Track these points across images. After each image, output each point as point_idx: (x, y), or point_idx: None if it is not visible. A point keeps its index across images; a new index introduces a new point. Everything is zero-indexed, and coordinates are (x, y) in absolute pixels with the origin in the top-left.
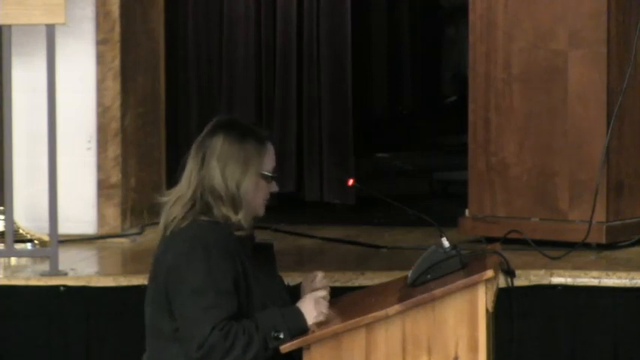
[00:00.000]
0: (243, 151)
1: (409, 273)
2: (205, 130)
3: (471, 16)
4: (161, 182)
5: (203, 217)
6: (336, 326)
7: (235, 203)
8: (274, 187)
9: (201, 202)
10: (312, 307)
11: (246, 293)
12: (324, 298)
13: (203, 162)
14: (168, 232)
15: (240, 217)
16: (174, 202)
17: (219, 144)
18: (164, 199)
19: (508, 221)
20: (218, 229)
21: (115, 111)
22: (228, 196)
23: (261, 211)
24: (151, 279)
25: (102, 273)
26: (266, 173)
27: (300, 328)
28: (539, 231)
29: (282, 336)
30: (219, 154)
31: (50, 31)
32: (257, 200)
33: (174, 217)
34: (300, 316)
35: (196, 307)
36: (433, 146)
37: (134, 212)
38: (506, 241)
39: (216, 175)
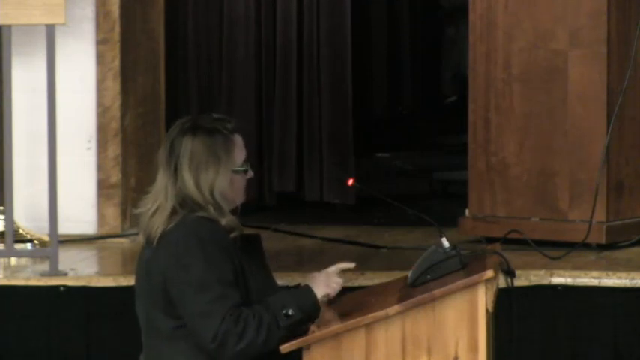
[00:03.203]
0: (213, 155)
1: (409, 273)
2: (172, 135)
3: (471, 16)
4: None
5: (193, 214)
6: (336, 326)
7: (216, 208)
8: (249, 175)
9: (184, 208)
10: (322, 282)
11: (244, 286)
12: (337, 275)
13: (176, 173)
14: (154, 242)
15: (227, 220)
16: (154, 213)
17: (187, 151)
18: (140, 210)
19: (508, 221)
20: (209, 224)
21: (115, 111)
22: (206, 202)
23: (241, 199)
24: (143, 280)
25: (102, 273)
26: (237, 169)
27: (309, 303)
28: (539, 231)
29: (291, 312)
30: (190, 164)
31: (50, 31)
32: (236, 193)
33: (157, 227)
34: (309, 292)
35: (203, 301)
36: (433, 146)
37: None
38: (506, 241)
39: (190, 186)
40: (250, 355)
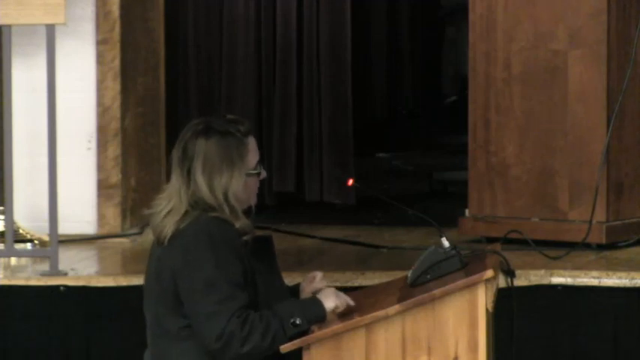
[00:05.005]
0: (226, 158)
1: (409, 273)
2: (185, 137)
3: (471, 16)
4: (161, 182)
5: (206, 214)
6: (336, 326)
7: (230, 210)
8: (263, 175)
9: (197, 210)
10: (332, 294)
11: (253, 288)
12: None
13: (189, 177)
14: (165, 241)
15: (241, 224)
16: (167, 215)
17: (201, 154)
18: (152, 210)
19: (508, 221)
20: (222, 224)
21: (115, 111)
22: (220, 206)
23: (254, 200)
24: (152, 279)
25: (102, 273)
26: (251, 172)
27: (317, 314)
28: (539, 231)
29: (299, 322)
30: (204, 167)
31: (50, 31)
32: (249, 195)
33: (169, 227)
34: (318, 303)
35: (211, 300)
36: (433, 146)
37: (134, 212)
38: (506, 241)
39: (204, 189)
40: (252, 358)
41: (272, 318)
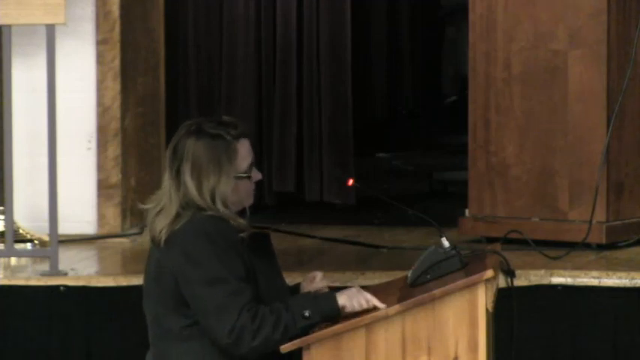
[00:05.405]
0: (213, 161)
1: (409, 273)
2: (177, 137)
3: (471, 16)
4: (161, 182)
5: (201, 213)
6: (336, 326)
7: (220, 212)
8: (257, 177)
9: (189, 210)
10: (347, 294)
11: (254, 284)
12: (367, 299)
13: (178, 177)
14: (161, 243)
15: (235, 224)
16: (159, 213)
17: (190, 156)
18: (146, 206)
19: (508, 221)
20: (218, 222)
21: (115, 111)
22: (209, 208)
23: (248, 202)
24: (152, 280)
25: (102, 273)
26: (241, 175)
27: (329, 308)
28: (539, 231)
29: (308, 314)
30: (192, 169)
31: (50, 31)
32: (242, 197)
33: (162, 229)
34: (331, 298)
35: (219, 296)
36: (433, 146)
37: (134, 212)
38: (506, 241)
39: (192, 191)
40: (264, 351)
41: (283, 310)
